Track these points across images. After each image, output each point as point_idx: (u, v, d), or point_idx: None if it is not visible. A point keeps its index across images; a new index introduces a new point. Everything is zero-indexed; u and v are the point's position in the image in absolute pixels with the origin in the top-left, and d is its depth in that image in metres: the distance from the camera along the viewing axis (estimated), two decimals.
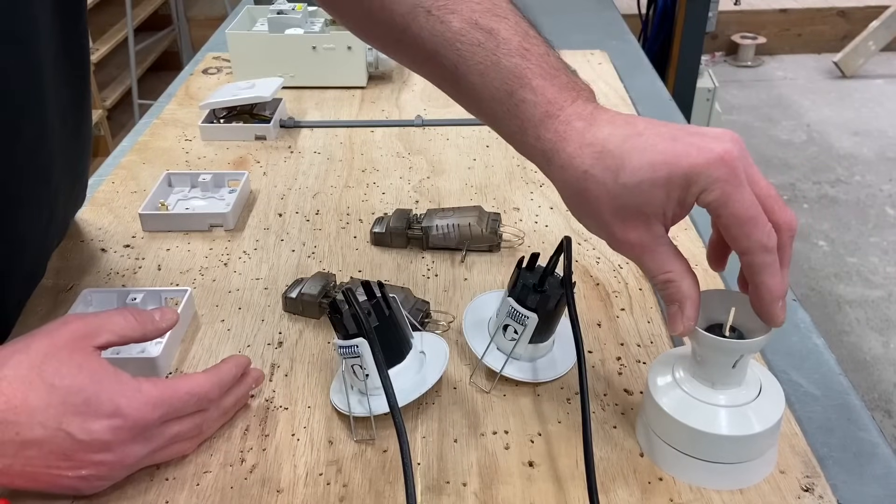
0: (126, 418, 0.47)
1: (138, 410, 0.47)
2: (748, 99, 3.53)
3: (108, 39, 2.83)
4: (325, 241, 0.78)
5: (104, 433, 0.46)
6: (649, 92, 1.15)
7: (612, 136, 0.46)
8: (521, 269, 0.59)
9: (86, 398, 0.46)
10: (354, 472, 0.53)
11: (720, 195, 0.43)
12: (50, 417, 0.45)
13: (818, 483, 0.51)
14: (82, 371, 0.47)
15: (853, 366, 2.02)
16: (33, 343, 0.48)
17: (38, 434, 0.45)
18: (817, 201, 2.73)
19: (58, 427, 0.45)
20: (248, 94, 0.98)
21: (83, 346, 0.48)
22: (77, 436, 0.46)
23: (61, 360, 0.47)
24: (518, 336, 0.58)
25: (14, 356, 0.47)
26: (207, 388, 0.52)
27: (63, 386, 0.46)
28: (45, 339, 0.48)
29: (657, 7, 2.19)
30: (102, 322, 0.51)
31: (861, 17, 3.87)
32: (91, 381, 0.47)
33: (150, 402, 0.48)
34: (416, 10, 0.51)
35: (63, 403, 0.46)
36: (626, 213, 0.46)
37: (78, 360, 0.47)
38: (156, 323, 0.54)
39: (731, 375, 0.50)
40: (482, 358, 0.59)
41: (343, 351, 0.55)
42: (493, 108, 0.50)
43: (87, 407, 0.46)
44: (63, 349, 0.48)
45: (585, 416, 0.52)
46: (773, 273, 0.45)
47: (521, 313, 0.57)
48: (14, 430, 0.45)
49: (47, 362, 0.46)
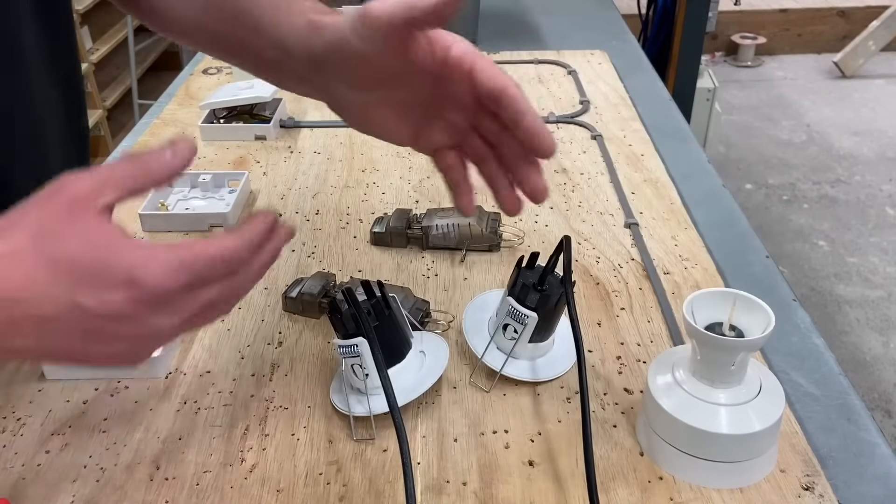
0: (143, 288, 0.41)
1: (156, 279, 0.41)
2: (748, 99, 3.53)
3: (108, 39, 2.83)
4: (325, 241, 0.78)
5: (122, 305, 0.41)
6: (649, 92, 1.15)
7: None
8: (521, 269, 0.59)
9: (95, 269, 0.41)
10: (354, 471, 0.53)
11: (467, 47, 0.49)
12: (60, 293, 0.40)
13: (818, 482, 0.51)
14: (87, 239, 0.41)
15: (853, 366, 2.02)
16: (28, 214, 0.42)
17: (51, 310, 0.41)
18: (817, 201, 2.73)
19: (71, 302, 0.41)
20: (248, 94, 0.98)
21: (84, 211, 0.42)
22: (93, 308, 0.41)
23: (61, 229, 0.41)
24: (518, 335, 0.58)
25: (9, 230, 0.41)
26: (235, 250, 0.45)
27: (67, 258, 0.41)
28: (39, 208, 0.42)
29: (657, 7, 2.20)
30: (102, 178, 0.43)
31: (861, 17, 3.87)
32: (99, 250, 0.41)
33: (169, 270, 0.41)
34: None
35: (71, 277, 0.40)
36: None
37: (80, 227, 0.42)
38: (167, 163, 0.45)
39: (730, 374, 0.50)
40: (482, 357, 0.59)
41: (343, 351, 0.55)
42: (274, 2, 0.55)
43: (99, 279, 0.41)
44: (62, 217, 0.42)
45: (585, 416, 0.52)
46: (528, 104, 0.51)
47: (521, 312, 0.57)
48: (25, 308, 0.40)
49: (46, 234, 0.41)
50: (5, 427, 0.57)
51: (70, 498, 0.51)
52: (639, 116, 1.03)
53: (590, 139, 0.97)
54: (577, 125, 1.01)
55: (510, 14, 1.47)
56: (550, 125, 1.01)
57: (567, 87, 1.13)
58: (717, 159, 2.94)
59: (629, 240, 0.77)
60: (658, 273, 0.72)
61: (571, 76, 1.16)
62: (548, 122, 1.02)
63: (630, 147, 0.95)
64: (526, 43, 1.32)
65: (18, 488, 0.52)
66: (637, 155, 0.93)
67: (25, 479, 0.52)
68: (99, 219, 0.42)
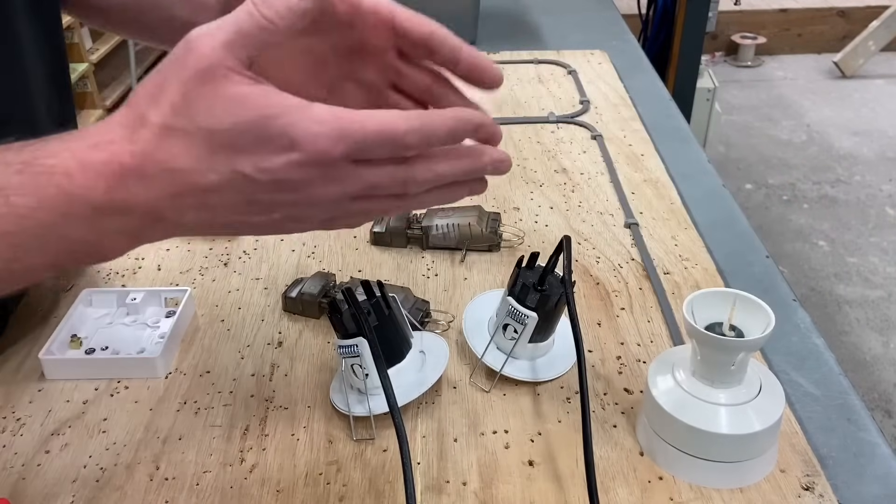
0: (304, 151, 0.39)
1: (317, 141, 0.39)
2: (748, 99, 3.53)
3: (108, 39, 2.83)
4: (325, 240, 0.78)
5: (284, 171, 0.39)
6: (649, 92, 1.15)
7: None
8: (521, 269, 0.59)
9: (254, 135, 0.39)
10: (354, 471, 0.53)
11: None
12: (219, 162, 0.39)
13: (818, 482, 0.51)
14: (237, 105, 0.39)
15: (853, 366, 2.02)
16: (166, 80, 0.39)
17: (213, 179, 0.39)
18: (817, 201, 2.73)
19: (232, 170, 0.39)
20: None
21: (224, 75, 0.39)
22: (255, 176, 0.39)
23: (207, 97, 0.39)
24: (518, 335, 0.58)
25: (153, 101, 0.39)
26: (403, 130, 0.40)
27: (220, 128, 0.39)
28: (176, 75, 0.39)
29: (657, 7, 2.20)
30: (228, 38, 0.39)
31: (861, 17, 3.87)
32: (254, 113, 0.39)
33: (330, 134, 0.39)
34: None
35: (227, 146, 0.39)
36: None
37: (227, 93, 0.39)
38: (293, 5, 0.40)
39: (730, 374, 0.50)
40: (482, 357, 0.59)
41: (343, 350, 0.55)
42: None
43: (258, 144, 0.39)
44: (203, 85, 0.39)
45: (585, 416, 0.52)
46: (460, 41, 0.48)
47: (521, 312, 0.57)
48: (186, 178, 0.39)
49: (192, 103, 0.39)
50: (5, 427, 0.57)
51: (70, 498, 0.51)
52: (639, 116, 1.03)
53: (590, 139, 0.97)
54: (577, 125, 1.01)
55: (510, 14, 1.47)
56: (550, 125, 1.01)
57: (567, 87, 1.13)
58: (717, 159, 2.94)
59: (629, 240, 0.77)
60: (658, 273, 0.72)
61: (571, 76, 1.16)
62: (547, 122, 1.02)
63: (630, 147, 0.95)
64: (526, 43, 1.32)
65: (18, 488, 0.52)
66: (637, 155, 0.93)
67: (25, 479, 0.52)
68: (243, 81, 0.39)
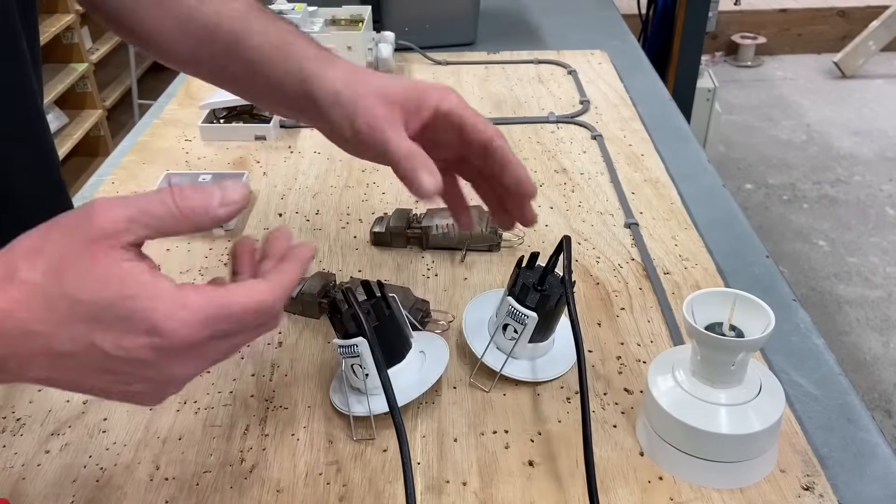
0: (166, 337, 0.39)
1: (182, 331, 0.39)
2: (748, 99, 3.53)
3: (108, 39, 2.83)
4: (325, 241, 0.78)
5: (143, 352, 0.39)
6: (649, 92, 1.15)
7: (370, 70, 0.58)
8: (521, 269, 0.59)
9: (116, 315, 0.38)
10: (354, 471, 0.53)
11: (457, 101, 0.55)
12: (78, 333, 0.38)
13: (818, 482, 0.51)
14: (109, 282, 0.38)
15: (853, 366, 2.02)
16: (49, 239, 0.39)
17: (69, 348, 0.39)
18: (817, 201, 2.73)
19: (89, 343, 0.39)
20: None
21: (109, 248, 0.39)
22: (112, 353, 0.39)
23: (83, 267, 0.38)
24: (518, 335, 0.58)
25: (29, 257, 0.39)
26: (269, 301, 0.41)
27: (86, 300, 0.38)
28: (62, 236, 0.39)
29: (657, 7, 2.19)
30: (135, 213, 0.40)
31: (861, 17, 3.87)
32: (121, 294, 0.38)
33: (195, 321, 0.39)
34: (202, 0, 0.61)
35: (90, 319, 0.38)
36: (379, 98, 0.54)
37: (102, 267, 0.38)
38: (211, 211, 0.41)
39: (730, 374, 0.50)
40: (482, 357, 0.59)
41: (343, 351, 0.55)
42: (272, 56, 0.58)
43: (120, 324, 0.38)
44: (84, 253, 0.39)
45: (585, 416, 0.52)
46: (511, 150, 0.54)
47: (521, 312, 0.57)
48: (42, 342, 0.38)
49: (67, 270, 0.38)
50: (5, 427, 0.57)
51: (70, 498, 0.51)
52: (639, 116, 1.03)
53: (590, 139, 0.97)
54: (577, 125, 1.01)
55: (510, 14, 1.47)
56: (550, 125, 1.01)
57: (567, 87, 1.13)
58: (717, 159, 2.94)
59: (629, 240, 0.77)
60: (658, 273, 0.72)
61: (571, 76, 1.16)
62: (547, 122, 1.02)
63: (630, 147, 0.95)
64: (526, 43, 1.32)
65: (18, 488, 0.52)
66: (637, 155, 0.93)
67: (25, 479, 0.52)
68: (124, 257, 0.39)
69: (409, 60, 1.23)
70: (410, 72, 1.20)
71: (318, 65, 0.57)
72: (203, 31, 0.61)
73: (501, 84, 1.15)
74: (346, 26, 1.15)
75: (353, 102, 0.55)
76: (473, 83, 1.15)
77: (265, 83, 0.60)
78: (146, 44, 0.65)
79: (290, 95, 0.58)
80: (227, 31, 0.60)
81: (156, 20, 0.63)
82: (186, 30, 0.62)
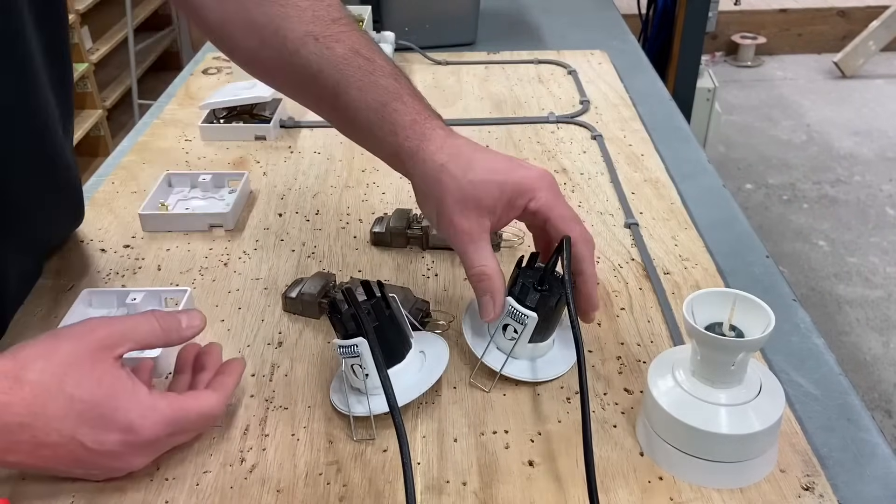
0: (138, 435, 0.49)
1: (150, 429, 0.49)
2: (748, 99, 3.53)
3: (108, 39, 2.83)
4: (325, 241, 0.78)
5: (115, 446, 0.49)
6: (649, 92, 1.15)
7: (465, 145, 0.59)
8: (521, 269, 0.59)
9: (102, 413, 0.48)
10: (354, 471, 0.53)
11: (547, 199, 0.57)
12: (66, 427, 0.47)
13: (818, 482, 0.51)
14: (101, 385, 0.48)
15: (853, 366, 2.02)
16: (58, 349, 0.48)
17: (54, 439, 0.47)
18: (817, 201, 2.72)
19: (72, 436, 0.47)
20: (248, 94, 0.98)
21: (105, 358, 0.49)
22: (89, 446, 0.48)
23: (83, 372, 0.48)
24: (518, 335, 0.58)
25: (38, 361, 0.48)
26: (218, 409, 0.53)
27: (82, 399, 0.47)
28: (69, 345, 0.49)
29: (657, 7, 2.19)
30: (126, 330, 0.51)
31: (861, 17, 3.87)
32: (109, 397, 0.48)
33: (162, 421, 0.50)
34: (306, 38, 0.60)
35: (80, 415, 0.47)
36: (466, 203, 0.56)
37: (99, 372, 0.49)
38: (181, 331, 0.55)
39: (730, 374, 0.50)
40: (482, 357, 0.59)
41: (343, 351, 0.55)
42: (368, 116, 0.59)
43: (103, 421, 0.48)
44: (86, 360, 0.49)
45: (585, 416, 0.52)
46: (592, 262, 0.58)
47: (521, 313, 0.57)
48: (31, 433, 0.46)
49: (70, 373, 0.48)
50: None
51: (70, 498, 0.51)
52: (639, 116, 1.03)
53: (590, 139, 0.97)
54: (577, 125, 1.01)
55: (510, 14, 1.47)
56: (550, 125, 1.01)
57: (567, 87, 1.13)
58: (717, 159, 2.94)
59: (629, 240, 0.77)
60: (658, 273, 0.72)
61: (571, 76, 1.16)
62: (547, 122, 1.02)
63: (630, 147, 0.95)
64: (526, 43, 1.32)
65: (18, 488, 0.52)
66: (637, 155, 0.93)
67: (25, 479, 0.52)
68: (115, 366, 0.50)
69: (409, 60, 1.23)
70: (411, 72, 1.20)
71: (413, 142, 0.58)
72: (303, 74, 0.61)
73: (501, 84, 1.15)
74: None
75: (439, 200, 0.57)
76: (473, 83, 1.15)
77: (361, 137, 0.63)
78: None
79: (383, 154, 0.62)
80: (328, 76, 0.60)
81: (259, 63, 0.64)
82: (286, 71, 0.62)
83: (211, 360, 0.58)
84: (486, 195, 0.56)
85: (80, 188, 0.76)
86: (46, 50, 0.64)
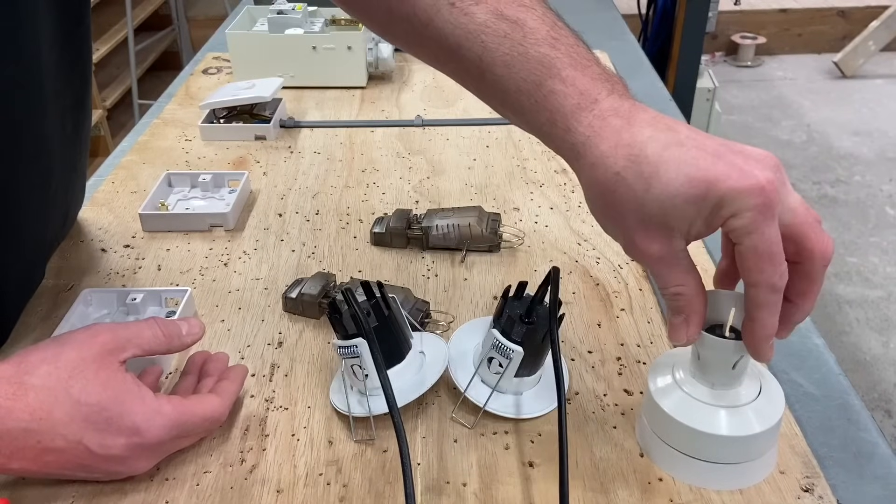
0: (143, 437, 0.49)
1: (156, 431, 0.49)
2: (748, 99, 3.53)
3: (108, 39, 2.83)
4: (325, 241, 0.78)
5: (121, 450, 0.49)
6: (649, 92, 1.15)
7: (651, 141, 0.43)
8: (508, 299, 0.56)
9: (108, 417, 0.48)
10: (354, 472, 0.53)
11: (748, 224, 0.41)
12: (72, 431, 0.47)
13: (818, 483, 0.51)
14: (107, 389, 0.48)
15: (853, 366, 2.02)
16: (63, 354, 0.48)
17: (59, 444, 0.47)
18: (817, 201, 2.73)
19: (78, 441, 0.47)
20: (248, 94, 0.98)
21: (110, 362, 0.49)
22: (95, 450, 0.48)
23: (88, 376, 0.48)
24: (503, 370, 0.55)
25: (42, 366, 0.47)
26: (221, 413, 0.54)
27: (88, 403, 0.47)
28: (74, 350, 0.49)
29: (657, 7, 2.19)
30: (130, 336, 0.52)
31: (861, 17, 3.87)
32: (114, 400, 0.48)
33: (167, 425, 0.50)
34: (439, 4, 0.49)
35: (86, 420, 0.47)
36: (650, 223, 0.43)
37: (104, 376, 0.49)
38: (182, 338, 0.55)
39: (731, 376, 0.50)
40: (465, 391, 0.56)
41: (342, 351, 0.55)
42: (519, 100, 0.47)
43: (108, 425, 0.48)
44: (91, 364, 0.48)
45: (563, 460, 0.50)
46: (772, 312, 0.44)
47: (507, 347, 0.54)
48: (36, 439, 0.46)
49: (75, 377, 0.47)
50: None
51: (70, 498, 0.51)
52: None
53: None
54: None
55: None
56: None
57: None
58: None
59: None
60: None
61: None
62: None
63: None
64: None
65: (18, 488, 0.52)
66: None
67: (25, 479, 0.52)
68: (120, 370, 0.50)
69: (409, 60, 1.23)
70: (410, 72, 1.20)
71: (577, 137, 0.45)
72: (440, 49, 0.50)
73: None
74: (346, 26, 1.15)
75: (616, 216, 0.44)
76: None
77: (519, 123, 0.50)
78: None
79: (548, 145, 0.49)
80: (469, 50, 0.48)
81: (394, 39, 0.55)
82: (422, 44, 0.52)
83: (217, 367, 0.59)
84: (677, 216, 0.43)
85: (73, 189, 0.76)
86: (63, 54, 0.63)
